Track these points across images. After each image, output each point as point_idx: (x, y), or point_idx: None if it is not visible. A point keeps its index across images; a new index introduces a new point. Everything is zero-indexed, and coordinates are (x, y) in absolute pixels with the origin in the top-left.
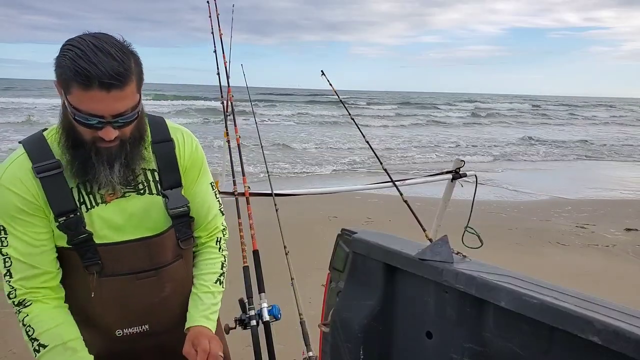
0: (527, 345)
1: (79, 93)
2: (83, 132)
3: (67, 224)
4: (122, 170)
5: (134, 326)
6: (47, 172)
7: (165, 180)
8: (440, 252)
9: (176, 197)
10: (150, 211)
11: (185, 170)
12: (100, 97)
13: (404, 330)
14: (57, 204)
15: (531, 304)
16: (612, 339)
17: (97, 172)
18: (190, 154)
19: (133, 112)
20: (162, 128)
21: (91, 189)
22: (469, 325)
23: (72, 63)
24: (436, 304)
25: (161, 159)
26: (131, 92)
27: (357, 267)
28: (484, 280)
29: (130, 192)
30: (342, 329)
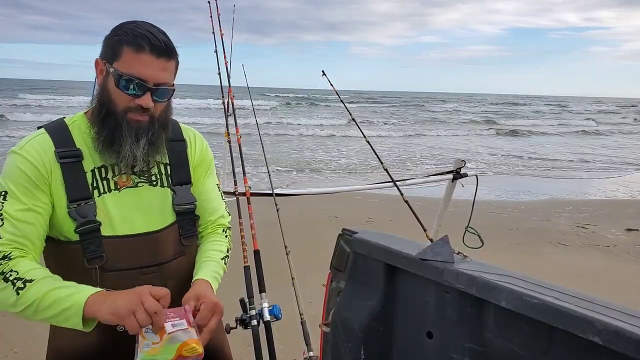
0: (527, 345)
1: (130, 56)
2: (120, 100)
3: (79, 210)
4: (147, 147)
5: None
6: (68, 158)
7: (176, 177)
8: (440, 252)
9: (184, 194)
10: (159, 204)
11: (194, 167)
12: (149, 60)
13: (404, 330)
14: (73, 190)
15: (532, 304)
16: (612, 339)
17: (124, 142)
18: (200, 152)
19: (170, 89)
20: (176, 128)
21: (106, 174)
22: (469, 325)
23: (130, 30)
24: (437, 304)
25: (173, 156)
26: (172, 69)
27: (357, 267)
28: (485, 280)
29: (143, 183)
30: (342, 329)
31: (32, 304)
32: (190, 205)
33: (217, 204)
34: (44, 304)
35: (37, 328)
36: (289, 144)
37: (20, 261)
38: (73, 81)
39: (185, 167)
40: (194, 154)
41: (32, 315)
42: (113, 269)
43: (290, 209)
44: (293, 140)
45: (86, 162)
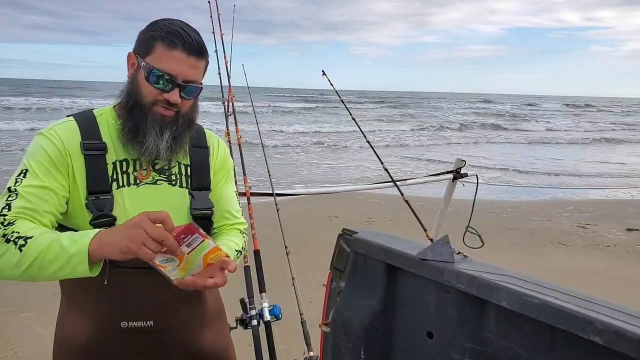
0: (528, 345)
1: (162, 51)
2: (148, 93)
3: (96, 203)
4: (170, 142)
5: (139, 320)
6: (93, 150)
7: (195, 182)
8: (441, 252)
9: (202, 199)
10: (175, 204)
11: (214, 172)
12: (180, 57)
13: (404, 330)
14: (93, 182)
15: (532, 304)
16: (613, 339)
17: (148, 134)
18: (222, 158)
19: (198, 87)
20: (200, 134)
21: (127, 168)
22: (470, 325)
23: (165, 27)
24: (437, 304)
25: (195, 161)
26: (202, 68)
27: (358, 267)
28: (485, 280)
29: (163, 181)
30: (343, 329)
31: (36, 258)
32: (207, 211)
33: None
34: (48, 256)
35: (38, 328)
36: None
37: (21, 223)
38: (72, 81)
39: (205, 173)
40: (215, 160)
41: (38, 271)
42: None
43: (290, 209)
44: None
45: (109, 155)
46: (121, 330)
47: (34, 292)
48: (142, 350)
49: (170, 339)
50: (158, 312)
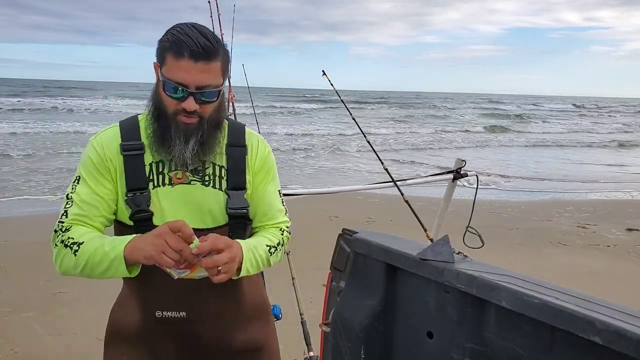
0: (528, 345)
1: (171, 62)
2: (168, 104)
3: (134, 199)
4: (197, 148)
5: (172, 310)
6: (130, 151)
7: (232, 181)
8: (441, 252)
9: (238, 199)
10: (210, 204)
11: (254, 172)
12: (188, 65)
13: (405, 330)
14: (131, 180)
15: (532, 304)
16: (613, 339)
17: (173, 144)
18: (262, 158)
19: (214, 91)
20: (240, 133)
21: (162, 169)
22: (470, 325)
23: (172, 36)
24: (437, 304)
25: (232, 161)
26: (216, 70)
27: (358, 267)
28: (485, 280)
29: (196, 182)
30: (343, 329)
31: (87, 262)
32: (243, 210)
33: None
34: (95, 260)
35: (38, 328)
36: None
37: (76, 229)
38: (72, 81)
39: (241, 173)
40: (254, 160)
41: (91, 271)
42: None
43: (290, 209)
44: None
45: (147, 156)
46: (156, 320)
47: (34, 292)
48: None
49: (201, 332)
50: (190, 305)
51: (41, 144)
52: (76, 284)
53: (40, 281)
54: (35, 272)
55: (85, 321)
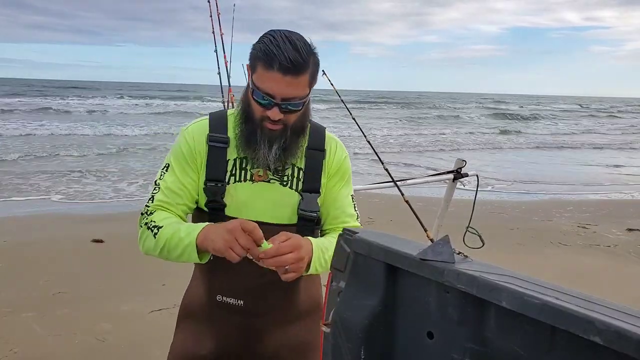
0: (528, 345)
1: (261, 72)
2: (256, 109)
3: (211, 189)
4: (279, 153)
5: (231, 297)
6: (216, 142)
7: (307, 183)
8: (441, 252)
9: (310, 201)
10: (284, 203)
11: (330, 176)
12: (276, 78)
13: (405, 330)
14: (211, 170)
15: (532, 304)
16: (613, 339)
17: (257, 148)
18: (338, 162)
19: (299, 102)
20: (320, 137)
21: (246, 165)
22: (470, 326)
23: (264, 46)
24: (437, 304)
25: (309, 164)
26: (303, 83)
27: (358, 267)
28: (486, 280)
29: (275, 181)
30: (343, 329)
31: (165, 245)
32: (313, 214)
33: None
34: (172, 244)
35: (37, 328)
36: None
37: (157, 213)
38: (72, 81)
39: (317, 176)
40: (330, 163)
41: (168, 254)
42: None
43: None
44: None
45: (230, 151)
46: (217, 303)
47: (34, 292)
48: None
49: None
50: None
51: (39, 144)
52: (75, 284)
53: (39, 281)
54: (35, 272)
55: (85, 321)
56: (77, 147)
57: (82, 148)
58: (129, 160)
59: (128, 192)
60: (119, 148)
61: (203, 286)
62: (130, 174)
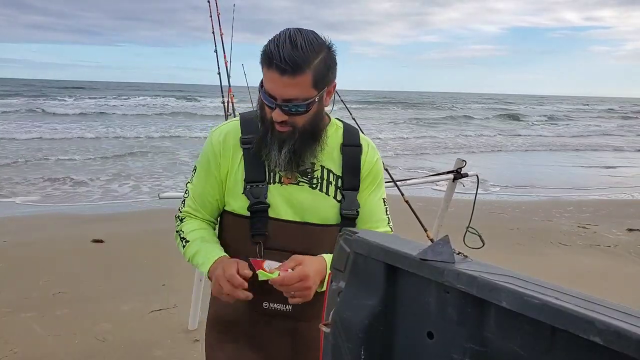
0: (528, 345)
1: (265, 71)
2: (266, 110)
3: (253, 191)
4: (289, 156)
5: (279, 303)
6: (249, 144)
7: (347, 182)
8: (441, 252)
9: (351, 200)
10: (318, 205)
11: (362, 177)
12: (274, 78)
13: (405, 330)
14: (250, 172)
15: (532, 304)
16: (613, 339)
17: (269, 150)
18: (371, 164)
19: (302, 104)
20: (354, 135)
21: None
22: (470, 326)
23: (267, 45)
24: (437, 304)
25: (347, 161)
26: (303, 83)
27: (358, 267)
28: (486, 280)
29: (304, 183)
30: (343, 329)
31: (190, 260)
32: (354, 211)
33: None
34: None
35: (37, 328)
36: None
37: (187, 222)
38: (72, 81)
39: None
40: (364, 162)
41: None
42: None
43: None
44: None
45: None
46: (263, 312)
47: (34, 292)
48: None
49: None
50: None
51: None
52: (75, 284)
53: (39, 281)
54: (35, 272)
55: (85, 321)
56: (71, 151)
57: (73, 151)
58: (125, 161)
59: (120, 194)
60: (111, 151)
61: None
62: (123, 176)
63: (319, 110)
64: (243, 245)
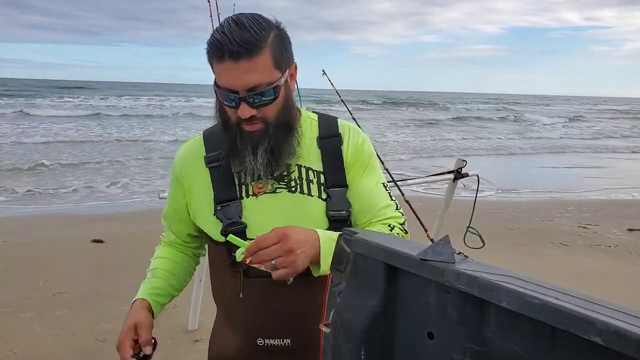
0: (528, 345)
1: (216, 67)
2: (228, 112)
3: (225, 212)
4: (267, 157)
5: (275, 338)
6: (214, 162)
7: (330, 179)
8: (441, 252)
9: (338, 199)
10: (303, 211)
11: (348, 167)
12: (230, 67)
13: (405, 330)
14: (220, 191)
15: (533, 304)
16: (613, 340)
17: (243, 156)
18: (355, 149)
19: (269, 89)
20: (331, 125)
21: (244, 179)
22: (470, 326)
23: (211, 38)
24: (437, 304)
25: (327, 155)
26: (263, 64)
27: (358, 267)
28: (486, 280)
29: (282, 189)
30: (343, 330)
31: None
32: (344, 212)
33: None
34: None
35: (37, 328)
36: None
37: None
38: (72, 80)
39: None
40: (347, 151)
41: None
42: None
43: None
44: None
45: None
46: (258, 348)
47: (34, 292)
48: None
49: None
50: (295, 329)
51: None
52: (75, 284)
53: (39, 281)
54: (35, 272)
55: (85, 321)
56: (69, 151)
57: (72, 152)
58: (125, 161)
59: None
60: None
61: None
62: (123, 177)
63: (287, 97)
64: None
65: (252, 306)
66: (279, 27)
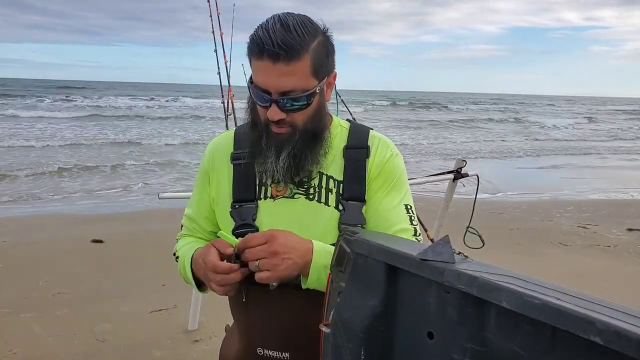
0: (528, 345)
1: (253, 63)
2: (259, 111)
3: (240, 212)
4: (289, 162)
5: (274, 350)
6: (239, 160)
7: (347, 190)
8: (441, 252)
9: (353, 213)
10: (318, 219)
11: (370, 181)
12: (267, 67)
13: (405, 330)
14: (238, 190)
15: (532, 304)
16: (613, 339)
17: (265, 156)
18: (381, 162)
19: (302, 95)
20: (362, 135)
21: (265, 180)
22: (470, 326)
23: (254, 34)
24: (437, 304)
25: (349, 166)
26: (301, 70)
27: (358, 267)
28: (486, 280)
29: (300, 195)
30: (343, 330)
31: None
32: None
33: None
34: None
35: (37, 329)
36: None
37: (181, 239)
38: (71, 80)
39: (361, 180)
40: (372, 162)
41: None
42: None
43: None
44: None
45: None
46: (257, 357)
47: (34, 292)
48: None
49: None
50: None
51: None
52: (75, 284)
53: (39, 282)
54: (34, 272)
55: (85, 321)
56: (68, 152)
57: (70, 152)
58: (125, 162)
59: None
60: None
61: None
62: (122, 177)
63: (320, 105)
64: None
65: (253, 313)
66: (325, 33)
